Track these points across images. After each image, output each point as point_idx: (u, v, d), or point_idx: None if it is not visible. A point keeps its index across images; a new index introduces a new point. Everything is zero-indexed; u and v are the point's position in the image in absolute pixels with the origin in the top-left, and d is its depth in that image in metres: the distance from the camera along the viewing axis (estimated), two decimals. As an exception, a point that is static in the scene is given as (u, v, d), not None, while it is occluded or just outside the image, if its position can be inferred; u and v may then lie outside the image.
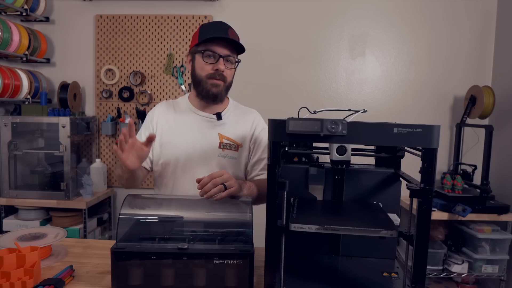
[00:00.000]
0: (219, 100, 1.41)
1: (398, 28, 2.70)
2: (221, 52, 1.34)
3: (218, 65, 1.33)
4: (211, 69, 1.34)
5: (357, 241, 1.13)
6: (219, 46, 1.33)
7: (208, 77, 1.35)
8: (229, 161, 1.43)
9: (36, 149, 2.63)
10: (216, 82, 1.36)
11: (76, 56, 2.85)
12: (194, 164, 1.41)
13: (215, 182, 1.17)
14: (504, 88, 2.53)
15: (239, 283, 1.01)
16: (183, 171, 1.41)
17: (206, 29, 1.36)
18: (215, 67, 1.34)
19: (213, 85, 1.36)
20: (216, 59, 1.34)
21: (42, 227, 1.44)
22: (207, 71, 1.35)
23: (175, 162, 1.42)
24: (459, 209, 2.22)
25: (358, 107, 1.09)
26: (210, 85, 1.36)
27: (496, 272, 2.30)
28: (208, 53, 1.34)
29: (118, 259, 1.01)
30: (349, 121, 0.84)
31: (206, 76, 1.35)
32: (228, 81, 1.40)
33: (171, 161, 1.42)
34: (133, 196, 1.18)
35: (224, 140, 1.43)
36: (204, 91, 1.38)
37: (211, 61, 1.34)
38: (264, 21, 2.74)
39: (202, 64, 1.35)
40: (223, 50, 1.34)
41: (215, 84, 1.36)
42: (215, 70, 1.34)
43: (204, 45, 1.34)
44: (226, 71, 1.36)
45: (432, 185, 0.84)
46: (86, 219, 2.45)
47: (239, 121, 1.48)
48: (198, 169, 1.38)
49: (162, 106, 1.52)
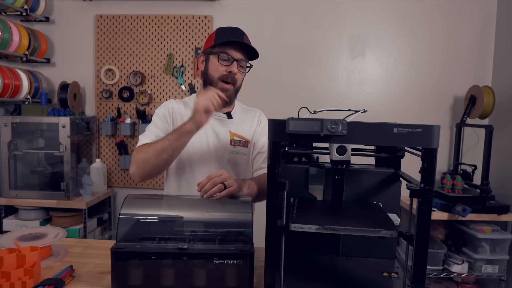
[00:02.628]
0: (228, 103, 1.44)
1: (398, 28, 2.70)
2: (236, 55, 1.40)
3: (231, 67, 1.39)
4: (224, 71, 1.39)
5: (357, 241, 1.13)
6: (234, 50, 1.39)
7: (220, 78, 1.40)
8: (241, 157, 1.48)
9: (36, 149, 2.63)
10: (226, 86, 1.40)
11: (76, 56, 2.85)
12: (208, 162, 1.44)
13: (214, 182, 1.20)
14: (504, 88, 2.53)
15: (239, 283, 1.01)
16: (197, 169, 1.44)
17: (223, 32, 1.43)
18: (229, 69, 1.39)
19: (222, 89, 1.38)
20: (231, 62, 1.39)
21: (42, 227, 1.44)
22: (221, 72, 1.40)
23: (189, 160, 1.44)
24: (459, 209, 2.22)
25: (358, 107, 1.09)
26: (219, 88, 1.38)
27: (496, 272, 2.30)
28: (224, 55, 1.39)
29: (118, 259, 1.01)
30: (349, 121, 0.84)
31: (219, 78, 1.40)
32: (238, 85, 1.45)
33: (186, 159, 1.44)
34: (133, 196, 1.18)
35: (235, 137, 1.48)
36: None
37: (226, 63, 1.40)
38: (264, 21, 2.74)
39: (217, 65, 1.40)
40: (238, 54, 1.40)
41: (225, 88, 1.40)
42: (228, 72, 1.39)
43: (220, 48, 1.39)
44: (238, 74, 1.42)
45: (432, 185, 0.84)
46: (86, 219, 2.45)
47: (246, 119, 1.54)
48: (211, 167, 1.42)
49: (174, 103, 1.51)
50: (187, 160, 1.45)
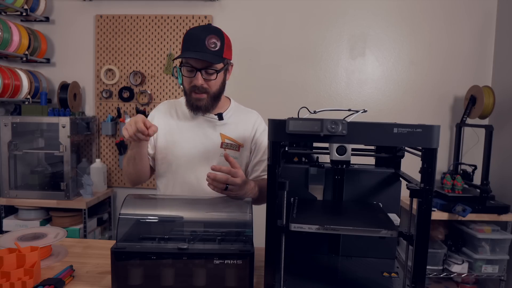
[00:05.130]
0: (205, 111, 1.39)
1: (398, 28, 2.70)
2: (198, 65, 1.29)
3: (195, 80, 1.30)
4: (190, 83, 1.33)
5: (357, 241, 1.13)
6: (195, 59, 1.28)
7: (190, 90, 1.34)
8: None
9: (36, 149, 2.63)
10: (199, 97, 1.34)
11: (76, 56, 2.85)
12: (196, 164, 1.41)
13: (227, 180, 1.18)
14: (504, 88, 2.53)
15: (239, 283, 1.01)
16: (185, 171, 1.42)
17: (185, 41, 1.32)
18: (192, 83, 1.32)
19: (196, 99, 1.35)
20: (194, 74, 1.30)
21: (42, 227, 1.44)
22: (189, 85, 1.34)
23: (177, 161, 1.42)
24: (459, 209, 2.22)
25: (358, 107, 1.09)
26: (194, 99, 1.35)
27: (496, 272, 2.30)
28: (187, 67, 1.31)
29: (118, 259, 1.01)
30: (349, 121, 0.84)
31: (189, 90, 1.35)
32: (213, 91, 1.35)
33: (174, 161, 1.43)
34: (133, 196, 1.18)
35: (226, 140, 1.43)
36: (190, 103, 1.38)
37: (190, 75, 1.31)
38: (264, 21, 2.74)
39: (184, 77, 1.35)
40: (200, 63, 1.29)
41: (198, 98, 1.34)
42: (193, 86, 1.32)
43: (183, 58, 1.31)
44: (208, 82, 1.32)
45: (432, 185, 0.84)
46: (86, 219, 2.45)
47: (241, 122, 1.48)
48: (200, 169, 1.38)
49: (164, 106, 1.52)
50: (174, 162, 1.42)
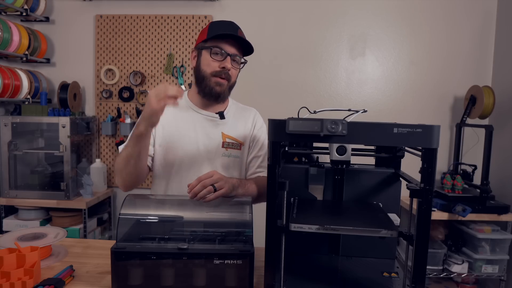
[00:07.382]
0: (221, 99, 1.39)
1: (398, 28, 2.70)
2: (229, 50, 1.32)
3: (225, 63, 1.31)
4: (217, 67, 1.32)
5: (357, 241, 1.13)
6: (227, 44, 1.32)
7: (213, 74, 1.33)
8: (233, 160, 1.42)
9: (36, 149, 2.63)
10: (220, 81, 1.33)
11: (76, 56, 2.85)
12: (199, 164, 1.39)
13: (204, 184, 1.16)
14: (504, 88, 2.53)
15: (239, 283, 1.01)
16: (187, 172, 1.38)
17: (216, 26, 1.35)
18: (222, 64, 1.31)
19: (217, 84, 1.33)
20: (224, 57, 1.32)
21: (42, 227, 1.44)
22: (213, 68, 1.32)
23: (179, 162, 1.39)
24: (459, 209, 2.22)
25: (358, 107, 1.09)
26: (214, 83, 1.33)
27: (496, 272, 2.30)
28: (216, 50, 1.31)
29: (118, 259, 1.01)
30: (349, 121, 0.84)
31: (211, 73, 1.33)
32: (232, 81, 1.38)
33: (175, 162, 1.39)
34: (133, 196, 1.18)
35: (227, 139, 1.42)
36: (207, 89, 1.35)
37: (219, 58, 1.32)
38: (264, 21, 2.74)
39: (209, 60, 1.32)
40: (231, 49, 1.33)
41: (219, 82, 1.34)
42: (222, 68, 1.32)
43: (213, 42, 1.32)
44: (232, 70, 1.34)
45: (432, 185, 0.84)
46: (86, 219, 2.45)
47: (240, 120, 1.47)
48: (202, 169, 1.35)
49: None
50: (176, 163, 1.39)
